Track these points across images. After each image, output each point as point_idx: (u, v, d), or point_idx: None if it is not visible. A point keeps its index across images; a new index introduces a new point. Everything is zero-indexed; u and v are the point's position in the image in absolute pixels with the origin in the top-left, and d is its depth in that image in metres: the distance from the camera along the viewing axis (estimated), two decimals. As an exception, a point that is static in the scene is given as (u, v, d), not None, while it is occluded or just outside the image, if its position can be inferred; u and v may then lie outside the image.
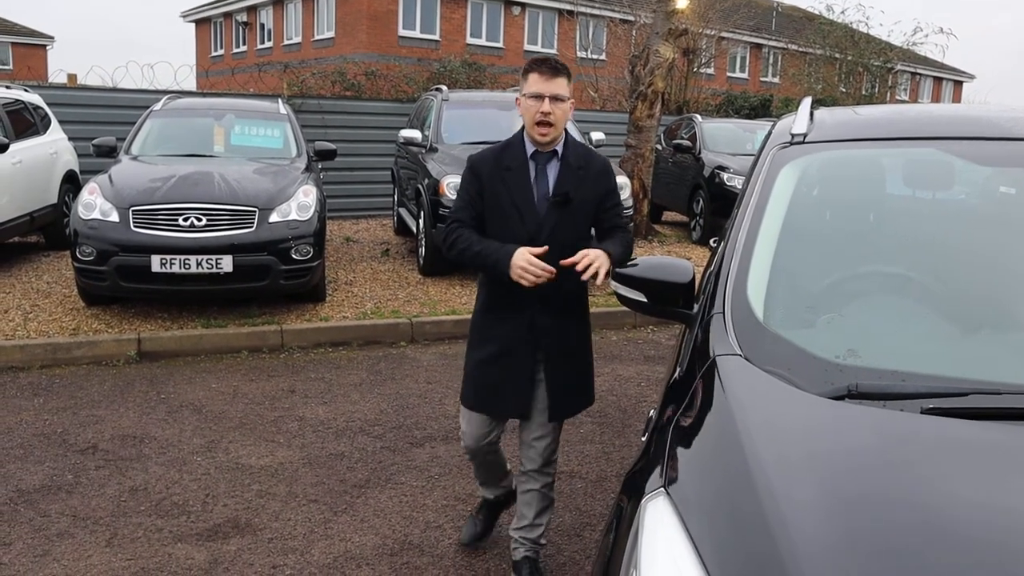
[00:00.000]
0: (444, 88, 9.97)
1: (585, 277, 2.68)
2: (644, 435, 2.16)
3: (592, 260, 2.68)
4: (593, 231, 3.03)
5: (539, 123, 2.78)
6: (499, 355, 2.94)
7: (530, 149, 2.88)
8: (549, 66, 2.81)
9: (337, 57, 22.65)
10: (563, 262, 2.69)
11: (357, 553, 3.42)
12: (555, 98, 2.77)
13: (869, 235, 2.42)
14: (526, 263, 2.70)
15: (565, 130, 2.90)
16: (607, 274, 2.66)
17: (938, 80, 39.61)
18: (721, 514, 1.48)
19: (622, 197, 8.15)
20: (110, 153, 7.36)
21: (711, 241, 4.19)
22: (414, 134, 9.00)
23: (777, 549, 1.32)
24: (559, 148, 2.88)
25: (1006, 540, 1.33)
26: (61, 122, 9.58)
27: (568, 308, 2.97)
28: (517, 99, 2.89)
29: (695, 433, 1.77)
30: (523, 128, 2.90)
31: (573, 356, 3.02)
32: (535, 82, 2.78)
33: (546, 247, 2.73)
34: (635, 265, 2.39)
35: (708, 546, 1.39)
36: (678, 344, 2.55)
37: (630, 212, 8.50)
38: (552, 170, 2.87)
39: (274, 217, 6.40)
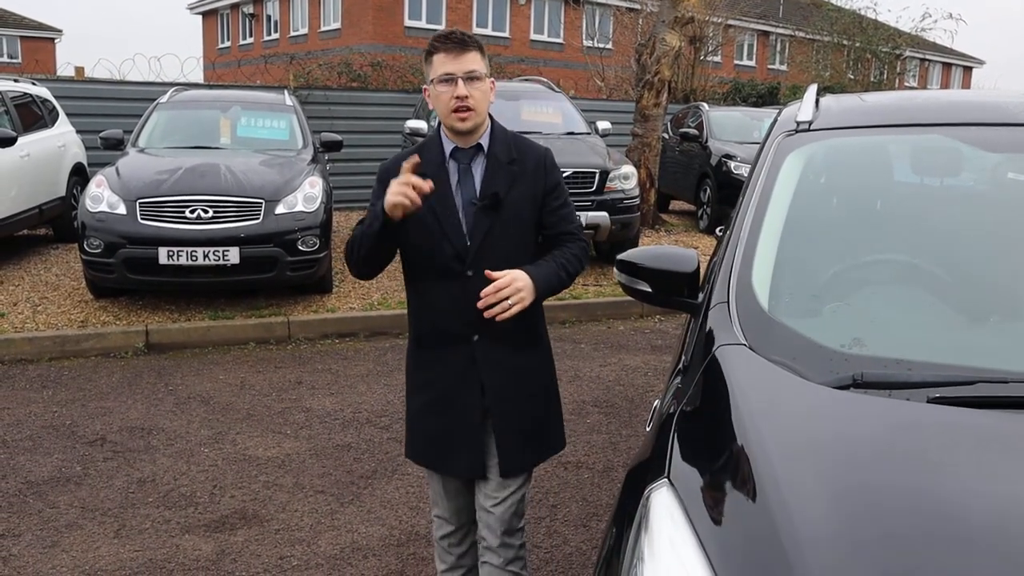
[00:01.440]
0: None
1: (491, 313, 2.22)
2: (649, 425, 2.16)
3: (511, 292, 2.22)
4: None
5: (456, 109, 2.26)
6: (439, 401, 2.43)
7: (449, 147, 2.35)
8: (455, 40, 2.27)
9: (343, 48, 22.63)
10: (483, 292, 2.22)
11: (364, 544, 3.43)
12: (470, 77, 2.25)
13: (875, 223, 2.40)
14: (395, 185, 2.17)
15: (491, 118, 2.40)
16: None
17: (947, 66, 39.36)
18: (725, 505, 1.48)
19: (628, 186, 8.31)
20: (117, 146, 7.38)
21: (717, 230, 4.16)
22: (420, 125, 8.99)
23: (781, 541, 1.31)
24: (484, 141, 2.36)
25: (1013, 529, 1.32)
26: (69, 115, 9.61)
27: (517, 334, 2.39)
28: (425, 89, 2.37)
29: (699, 423, 1.76)
30: (439, 125, 2.40)
31: (530, 393, 2.47)
32: (442, 62, 2.25)
33: (416, 158, 2.21)
34: (640, 254, 2.37)
35: (712, 537, 1.39)
36: (683, 334, 2.54)
37: (636, 201, 8.47)
38: (478, 168, 2.35)
39: (280, 209, 6.41)
